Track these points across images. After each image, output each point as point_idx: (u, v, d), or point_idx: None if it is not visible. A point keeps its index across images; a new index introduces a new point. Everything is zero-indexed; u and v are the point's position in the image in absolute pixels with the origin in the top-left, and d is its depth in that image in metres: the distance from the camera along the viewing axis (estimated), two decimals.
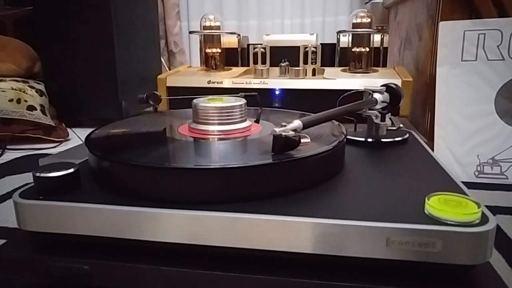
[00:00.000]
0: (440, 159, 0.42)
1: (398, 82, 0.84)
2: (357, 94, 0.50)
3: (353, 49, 0.98)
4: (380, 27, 1.24)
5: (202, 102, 0.42)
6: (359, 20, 0.97)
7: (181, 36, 1.80)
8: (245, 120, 0.43)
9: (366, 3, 1.56)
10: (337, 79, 0.89)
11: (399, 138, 0.49)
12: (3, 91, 0.97)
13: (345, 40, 1.01)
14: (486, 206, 0.30)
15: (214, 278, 0.29)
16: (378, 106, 0.47)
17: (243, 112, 0.42)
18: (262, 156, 0.34)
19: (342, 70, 1.00)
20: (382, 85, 0.48)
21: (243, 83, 0.92)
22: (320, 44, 0.99)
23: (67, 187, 0.33)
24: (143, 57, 1.27)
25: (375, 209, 0.30)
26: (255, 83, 0.91)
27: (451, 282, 0.27)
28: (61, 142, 0.99)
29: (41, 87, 1.08)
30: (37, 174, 0.32)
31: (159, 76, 0.97)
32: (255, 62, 0.98)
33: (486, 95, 0.69)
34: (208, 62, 1.07)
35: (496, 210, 0.56)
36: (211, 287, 0.29)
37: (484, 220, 0.27)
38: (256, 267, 0.29)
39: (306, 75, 0.94)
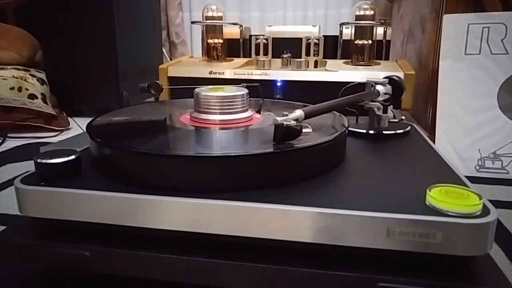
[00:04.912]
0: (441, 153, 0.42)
1: (401, 75, 0.84)
2: (360, 86, 0.49)
3: (355, 42, 0.98)
4: (383, 20, 1.23)
5: (204, 91, 0.42)
6: (362, 12, 0.96)
7: (183, 27, 1.79)
8: (246, 110, 0.42)
9: None
10: (339, 71, 0.88)
11: (401, 131, 0.49)
12: (4, 79, 0.97)
13: (348, 32, 1.01)
14: None
15: (214, 266, 0.29)
16: (380, 98, 0.47)
17: (244, 102, 0.42)
18: (263, 145, 0.34)
19: (344, 63, 1.00)
20: (385, 77, 0.48)
21: (244, 74, 0.91)
22: (323, 36, 0.98)
23: (68, 173, 0.33)
24: (145, 47, 1.26)
25: (376, 199, 0.29)
26: (257, 74, 0.91)
27: (451, 273, 0.28)
28: (62, 131, 0.99)
29: (42, 75, 1.07)
30: (39, 160, 0.32)
31: (160, 66, 0.97)
32: (257, 53, 0.97)
33: (489, 89, 0.69)
34: (209, 53, 1.06)
35: (496, 204, 0.56)
36: (210, 275, 0.29)
37: (485, 212, 0.27)
38: (257, 256, 0.29)
39: (308, 67, 0.93)
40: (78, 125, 1.06)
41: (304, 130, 0.34)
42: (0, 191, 0.61)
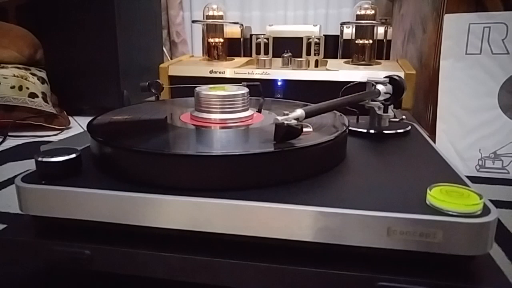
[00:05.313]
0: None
1: (401, 74, 0.83)
2: (360, 85, 0.49)
3: (356, 41, 0.98)
4: (384, 20, 1.23)
5: (205, 90, 0.42)
6: (363, 12, 0.96)
7: (184, 26, 1.79)
8: (247, 109, 0.42)
9: None
10: (340, 71, 0.88)
11: (401, 130, 0.49)
12: (5, 77, 0.97)
13: (349, 32, 1.01)
14: None
15: (214, 265, 0.29)
16: (381, 98, 0.47)
17: (245, 101, 0.42)
18: (264, 144, 0.34)
19: (345, 62, 1.00)
20: (386, 77, 0.48)
21: (245, 73, 0.91)
22: (323, 35, 0.98)
23: (69, 172, 0.33)
24: (145, 46, 1.26)
25: (376, 198, 0.29)
26: (258, 73, 0.91)
27: (451, 273, 0.28)
28: (62, 130, 0.99)
29: (42, 74, 1.07)
30: (40, 159, 0.32)
31: (161, 65, 0.97)
32: (258, 53, 0.97)
33: (490, 89, 0.69)
34: (210, 52, 1.06)
35: (497, 204, 0.56)
36: (211, 274, 0.29)
37: (485, 211, 0.27)
38: (257, 254, 0.29)
39: (308, 66, 0.93)
40: (78, 124, 1.06)
41: (304, 130, 0.34)
42: (0, 189, 0.61)
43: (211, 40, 1.05)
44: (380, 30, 1.00)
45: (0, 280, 0.37)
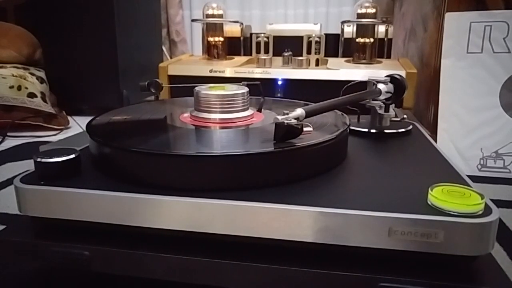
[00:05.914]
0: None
1: (402, 73, 0.83)
2: (361, 84, 0.49)
3: (357, 40, 0.97)
4: (384, 18, 1.23)
5: (204, 90, 0.41)
6: (364, 10, 0.96)
7: (183, 25, 1.79)
8: (247, 109, 0.42)
9: None
10: (341, 70, 0.88)
11: (403, 130, 0.48)
12: (3, 77, 0.96)
13: (349, 31, 1.00)
14: None
15: (214, 266, 0.29)
16: (382, 97, 0.46)
17: (245, 100, 0.42)
18: (264, 144, 0.33)
19: (346, 61, 0.99)
20: (387, 76, 0.48)
21: (245, 72, 0.91)
22: (324, 34, 0.98)
23: (68, 172, 0.33)
24: (145, 45, 1.26)
25: (377, 199, 0.29)
26: (258, 72, 0.90)
27: (453, 273, 0.27)
28: (61, 130, 0.99)
29: (41, 74, 1.07)
30: (38, 160, 0.32)
31: (160, 64, 0.96)
32: (258, 52, 0.97)
33: (491, 88, 0.69)
34: (210, 51, 1.06)
35: (498, 204, 0.55)
36: (211, 275, 0.29)
37: (487, 211, 0.27)
38: (257, 255, 0.29)
39: (309, 65, 0.93)
40: (78, 124, 1.06)
41: (305, 129, 0.33)
42: None
43: (211, 39, 1.05)
44: (381, 28, 1.00)
45: None
